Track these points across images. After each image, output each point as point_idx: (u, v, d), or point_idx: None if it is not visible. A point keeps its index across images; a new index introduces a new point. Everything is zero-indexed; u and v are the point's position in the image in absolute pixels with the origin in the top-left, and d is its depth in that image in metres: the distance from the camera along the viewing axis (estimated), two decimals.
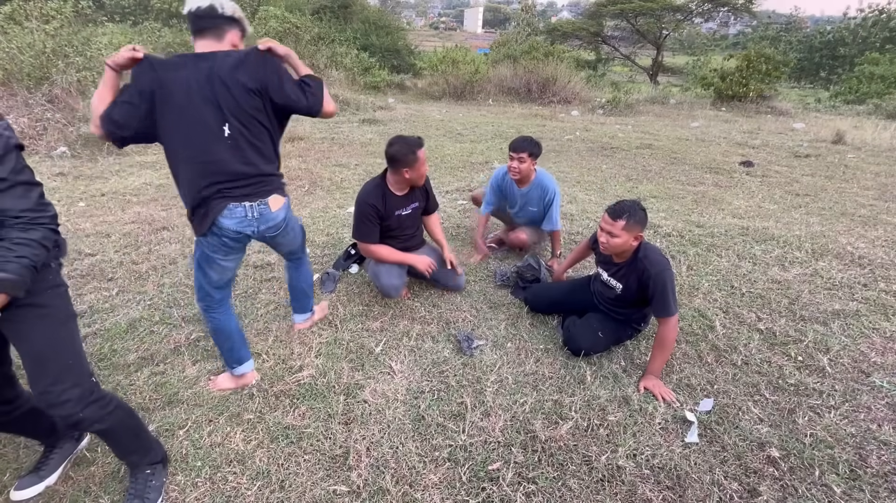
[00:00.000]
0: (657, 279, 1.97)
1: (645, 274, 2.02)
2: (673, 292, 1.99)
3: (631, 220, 1.99)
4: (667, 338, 2.00)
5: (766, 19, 34.94)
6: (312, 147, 6.39)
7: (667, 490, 1.60)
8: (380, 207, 2.42)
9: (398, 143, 2.34)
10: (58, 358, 1.28)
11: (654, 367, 2.06)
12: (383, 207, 2.43)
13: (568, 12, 74.38)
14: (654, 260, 2.02)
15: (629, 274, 2.10)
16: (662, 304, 1.98)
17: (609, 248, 2.07)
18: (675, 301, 1.99)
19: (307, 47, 11.65)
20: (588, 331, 2.23)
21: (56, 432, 1.58)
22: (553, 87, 12.44)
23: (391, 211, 2.48)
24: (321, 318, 2.49)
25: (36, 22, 6.55)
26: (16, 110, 5.71)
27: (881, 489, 1.60)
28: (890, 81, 16.37)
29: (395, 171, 2.39)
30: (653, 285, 1.99)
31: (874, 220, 4.22)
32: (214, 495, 1.54)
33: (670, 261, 2.12)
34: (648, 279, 2.00)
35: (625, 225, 1.99)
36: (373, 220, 2.42)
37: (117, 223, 3.64)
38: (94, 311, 2.49)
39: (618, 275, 2.17)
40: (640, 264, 2.05)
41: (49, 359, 1.27)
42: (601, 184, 5.18)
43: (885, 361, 2.27)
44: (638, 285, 2.07)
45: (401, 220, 2.54)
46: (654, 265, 2.00)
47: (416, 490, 1.58)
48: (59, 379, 1.27)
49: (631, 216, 1.99)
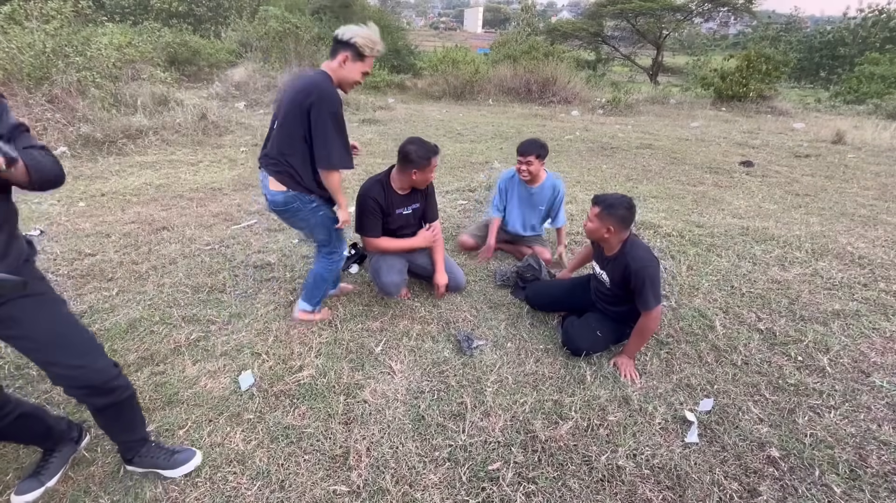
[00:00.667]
0: (637, 275, 2.03)
1: (627, 269, 2.07)
2: (653, 288, 2.03)
3: (606, 212, 2.07)
4: (645, 327, 2.10)
5: (766, 19, 34.91)
6: None
7: (667, 490, 1.60)
8: (381, 202, 2.44)
9: (416, 143, 2.36)
10: (78, 332, 1.33)
11: (629, 349, 2.19)
12: (385, 203, 2.46)
13: (568, 12, 74.39)
14: (636, 256, 2.07)
15: (616, 268, 2.16)
16: (641, 299, 2.05)
17: (586, 231, 2.20)
18: (655, 296, 2.04)
19: (307, 47, 11.65)
20: (587, 330, 2.24)
21: (52, 436, 1.56)
22: (553, 87, 12.44)
23: (392, 208, 2.49)
24: (321, 320, 2.48)
25: (36, 22, 6.55)
26: (16, 110, 5.70)
27: (881, 489, 1.61)
28: (890, 81, 16.37)
29: (403, 170, 2.40)
30: (634, 280, 2.05)
31: (874, 220, 4.22)
32: (214, 495, 1.54)
33: (658, 260, 2.16)
34: (630, 274, 2.06)
35: (598, 212, 2.09)
36: (375, 213, 2.45)
37: (117, 223, 3.64)
38: (94, 311, 2.49)
39: (607, 268, 2.23)
40: (624, 259, 2.11)
41: (71, 335, 1.30)
42: (601, 184, 5.19)
43: (885, 361, 2.27)
44: (622, 279, 2.13)
45: (401, 220, 2.54)
46: (636, 261, 2.05)
47: (416, 490, 1.58)
48: (87, 350, 1.32)
49: (607, 208, 2.07)
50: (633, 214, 2.09)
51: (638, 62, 27.04)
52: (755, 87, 12.47)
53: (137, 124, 6.03)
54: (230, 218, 3.84)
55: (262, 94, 9.65)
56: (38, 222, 3.57)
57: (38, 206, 3.91)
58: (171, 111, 6.74)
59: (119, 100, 6.51)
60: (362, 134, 7.50)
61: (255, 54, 11.67)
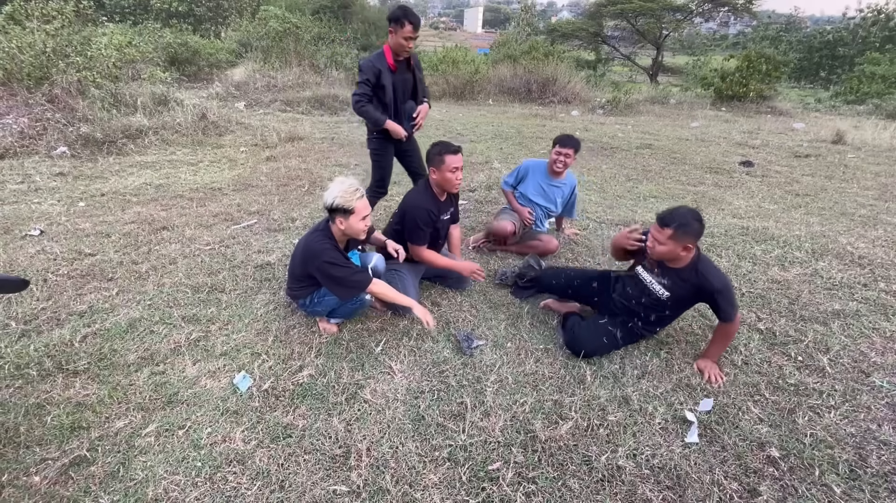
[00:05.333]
0: (721, 294, 2.01)
1: (704, 288, 2.02)
2: (733, 301, 2.05)
3: (680, 231, 1.94)
4: (729, 334, 2.13)
5: (766, 19, 34.90)
6: (312, 147, 6.39)
7: (667, 490, 1.60)
8: (434, 211, 2.52)
9: (437, 142, 2.50)
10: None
11: (712, 352, 2.20)
12: (437, 211, 2.54)
13: (568, 12, 74.36)
14: (715, 276, 2.03)
15: (684, 283, 2.07)
16: (724, 313, 2.05)
17: (655, 254, 2.06)
18: (735, 307, 2.06)
19: (307, 47, 11.65)
20: (594, 335, 2.23)
21: None
22: (553, 87, 12.42)
23: (440, 216, 2.58)
24: (326, 327, 2.45)
25: (36, 22, 6.56)
26: (16, 110, 5.71)
27: (881, 489, 1.61)
28: (890, 81, 16.34)
29: (430, 170, 2.51)
30: (718, 299, 2.01)
31: (874, 220, 4.22)
32: (214, 495, 1.54)
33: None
34: (713, 291, 2.00)
35: (672, 234, 1.96)
36: (428, 225, 2.50)
37: (117, 223, 3.63)
38: (94, 311, 2.49)
39: (669, 282, 2.11)
40: (698, 278, 2.03)
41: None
42: (601, 184, 5.18)
43: (885, 361, 2.27)
44: (692, 296, 2.09)
45: (441, 225, 2.64)
46: (719, 281, 2.01)
47: (416, 490, 1.58)
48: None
49: (681, 226, 1.94)
50: (703, 225, 2.02)
51: (638, 62, 27.02)
52: (755, 87, 12.45)
53: (137, 124, 6.02)
54: (230, 218, 3.84)
55: (262, 94, 9.65)
56: (38, 222, 3.57)
57: (38, 206, 3.91)
58: (171, 111, 6.73)
59: (119, 100, 6.50)
60: (362, 134, 7.47)
61: (255, 54, 11.66)
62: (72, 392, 1.93)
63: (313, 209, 4.10)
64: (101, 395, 1.92)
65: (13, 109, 5.69)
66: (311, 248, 2.15)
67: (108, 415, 1.83)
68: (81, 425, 1.78)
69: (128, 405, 1.89)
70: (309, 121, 8.34)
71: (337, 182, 2.10)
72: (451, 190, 2.55)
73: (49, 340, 2.23)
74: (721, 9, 24.16)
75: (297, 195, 4.46)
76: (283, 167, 5.32)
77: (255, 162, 5.53)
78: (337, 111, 9.36)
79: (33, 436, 1.73)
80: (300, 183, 4.80)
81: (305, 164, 5.49)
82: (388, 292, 2.24)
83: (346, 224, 2.12)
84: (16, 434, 1.73)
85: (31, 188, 4.31)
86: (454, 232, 2.87)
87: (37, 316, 2.43)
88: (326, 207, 2.11)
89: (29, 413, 1.83)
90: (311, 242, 2.17)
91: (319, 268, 2.11)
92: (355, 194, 2.08)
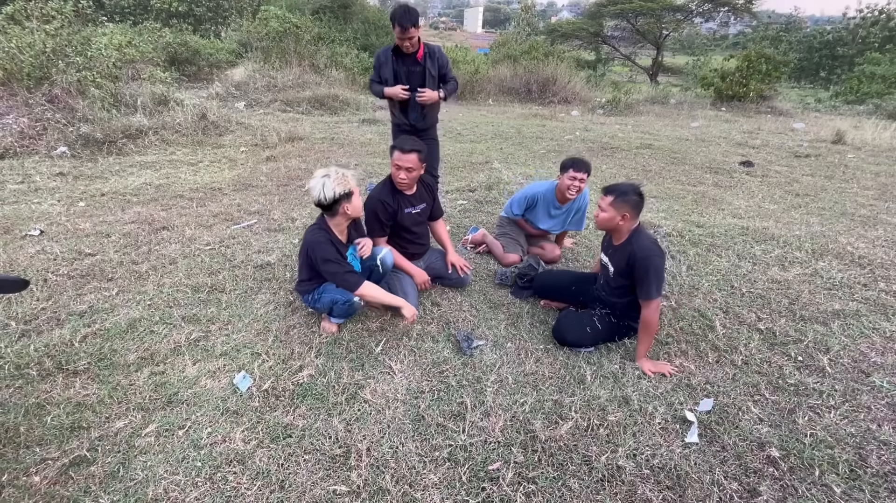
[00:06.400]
0: (641, 263, 2.06)
1: (632, 257, 2.10)
2: (657, 278, 2.06)
3: (619, 199, 2.10)
4: (648, 319, 2.12)
5: (766, 19, 34.88)
6: (312, 147, 6.39)
7: (667, 490, 1.60)
8: (390, 203, 2.52)
9: (405, 138, 2.56)
10: None
11: (639, 351, 2.21)
12: (394, 203, 2.54)
13: (568, 12, 74.30)
14: (642, 245, 2.11)
15: (621, 255, 2.19)
16: (643, 288, 2.08)
17: (598, 221, 2.22)
18: (657, 287, 2.07)
19: (307, 47, 11.64)
20: (577, 325, 2.30)
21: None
22: (553, 87, 12.42)
23: (401, 208, 2.58)
24: (325, 328, 2.45)
25: (36, 22, 6.55)
26: (16, 110, 5.71)
27: (881, 489, 1.61)
28: (890, 81, 16.33)
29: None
30: (638, 268, 2.08)
31: (874, 220, 4.22)
32: (214, 495, 1.54)
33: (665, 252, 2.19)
34: (635, 261, 2.08)
35: (612, 201, 2.12)
36: (385, 216, 2.52)
37: (117, 223, 3.63)
38: (94, 311, 2.49)
39: (613, 256, 2.26)
40: (630, 247, 2.13)
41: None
42: (601, 184, 5.14)
43: (885, 361, 2.27)
44: (627, 267, 2.15)
45: (410, 219, 2.63)
46: (643, 250, 2.09)
47: (416, 490, 1.58)
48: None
49: (620, 195, 2.10)
50: (643, 200, 2.14)
51: (638, 62, 27.02)
52: (755, 87, 12.45)
53: (137, 124, 6.02)
54: (230, 218, 3.84)
55: (262, 94, 9.64)
56: (38, 222, 3.57)
57: (38, 206, 3.91)
58: (171, 111, 6.73)
59: (119, 100, 6.49)
60: (362, 134, 7.50)
61: (255, 54, 11.65)
62: (72, 392, 1.93)
63: (313, 209, 4.10)
64: (101, 395, 1.92)
65: (13, 109, 5.69)
66: (307, 240, 2.26)
67: (108, 415, 1.83)
68: (81, 425, 1.78)
69: (128, 405, 1.89)
70: (309, 121, 8.34)
71: (319, 178, 2.12)
72: (396, 185, 2.55)
73: (49, 340, 2.23)
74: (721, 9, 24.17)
75: (297, 195, 4.45)
76: (283, 167, 5.32)
77: (255, 162, 5.53)
78: (337, 111, 9.35)
79: (33, 436, 1.73)
80: (300, 183, 4.80)
81: (305, 164, 5.49)
82: (378, 295, 2.27)
83: (350, 207, 2.19)
84: (16, 434, 1.73)
85: (31, 188, 4.30)
86: (439, 227, 2.86)
87: (37, 316, 2.43)
88: (328, 203, 2.13)
89: (29, 413, 1.83)
90: (307, 234, 2.27)
91: (316, 259, 2.21)
92: (346, 175, 2.15)
